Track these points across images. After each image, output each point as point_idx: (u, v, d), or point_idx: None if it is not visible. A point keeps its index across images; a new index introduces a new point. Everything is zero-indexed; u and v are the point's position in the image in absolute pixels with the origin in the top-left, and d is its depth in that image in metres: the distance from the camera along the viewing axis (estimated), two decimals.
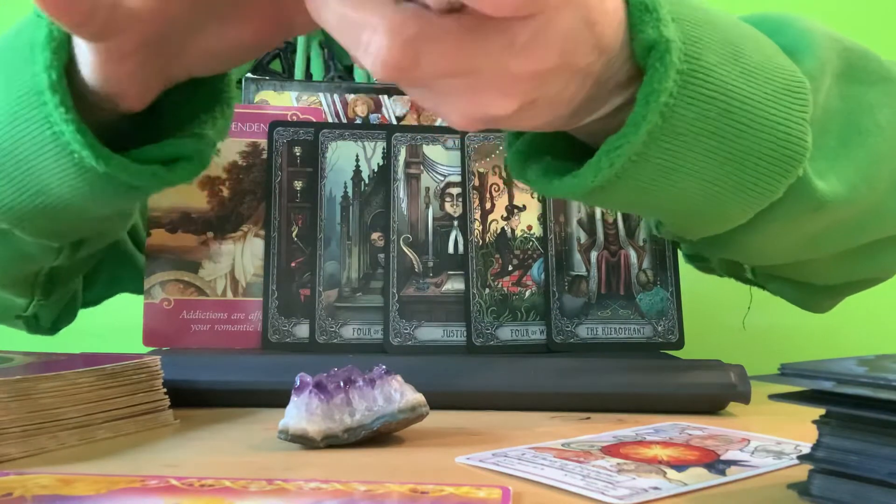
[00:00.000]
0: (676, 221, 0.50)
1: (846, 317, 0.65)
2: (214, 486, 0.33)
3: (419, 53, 0.33)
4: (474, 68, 0.34)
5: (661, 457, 0.39)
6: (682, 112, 0.39)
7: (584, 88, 0.39)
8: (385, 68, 0.33)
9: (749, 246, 0.49)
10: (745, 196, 0.44)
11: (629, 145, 0.39)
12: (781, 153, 0.43)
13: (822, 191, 0.45)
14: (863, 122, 0.48)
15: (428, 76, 0.34)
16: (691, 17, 0.40)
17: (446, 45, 0.33)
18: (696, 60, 0.39)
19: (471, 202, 0.61)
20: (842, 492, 0.29)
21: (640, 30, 0.38)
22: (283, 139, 0.62)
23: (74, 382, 0.42)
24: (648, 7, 0.38)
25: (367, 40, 0.33)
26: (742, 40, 0.42)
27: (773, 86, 0.42)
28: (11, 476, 0.34)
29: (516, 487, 0.34)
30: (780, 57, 0.44)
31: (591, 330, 0.60)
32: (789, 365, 0.30)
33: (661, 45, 0.38)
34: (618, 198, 0.44)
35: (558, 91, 0.37)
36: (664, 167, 0.41)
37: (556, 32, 0.34)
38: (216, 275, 0.61)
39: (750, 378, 0.52)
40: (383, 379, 0.42)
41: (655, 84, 0.38)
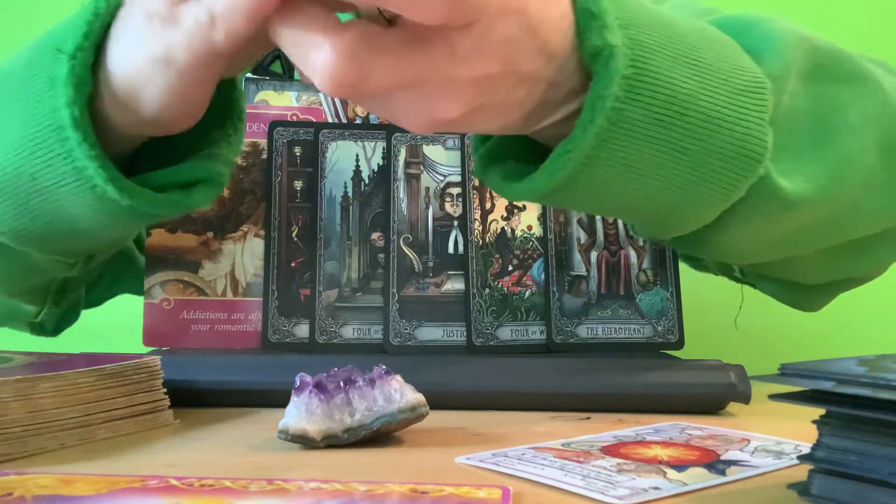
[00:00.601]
0: (640, 221, 0.51)
1: (846, 317, 0.65)
2: (214, 486, 0.33)
3: (366, 68, 0.34)
4: (420, 78, 0.35)
5: (661, 457, 0.39)
6: (629, 115, 0.40)
7: (534, 93, 0.40)
8: (333, 85, 0.34)
9: (721, 245, 0.50)
10: (705, 196, 0.45)
11: (578, 149, 0.40)
12: (739, 153, 0.43)
13: (787, 190, 0.46)
14: (833, 121, 0.48)
15: (376, 89, 0.35)
16: (641, 21, 0.41)
17: (391, 58, 0.34)
18: (643, 65, 0.40)
19: (471, 202, 0.61)
20: (842, 492, 0.29)
21: (586, 36, 0.39)
22: (283, 139, 0.62)
23: (74, 382, 0.42)
24: (594, 14, 0.39)
25: (315, 58, 0.34)
26: (698, 42, 0.43)
27: (729, 86, 0.43)
28: (11, 476, 0.34)
29: (516, 487, 0.34)
30: (740, 58, 0.45)
31: (591, 330, 0.60)
32: (789, 365, 0.30)
33: (605, 51, 0.39)
34: (574, 199, 0.46)
35: (506, 96, 0.39)
36: (617, 169, 0.42)
37: (496, 39, 0.36)
38: (216, 275, 0.61)
39: (750, 378, 0.52)
40: (383, 379, 0.42)
41: (601, 90, 0.39)
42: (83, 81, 0.41)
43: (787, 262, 0.54)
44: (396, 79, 0.35)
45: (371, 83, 0.34)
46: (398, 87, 0.36)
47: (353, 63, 0.34)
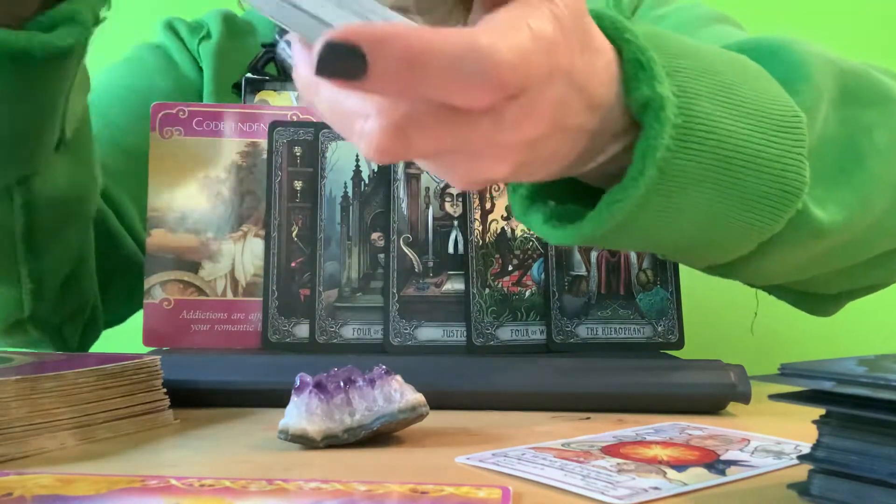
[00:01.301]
0: (678, 256, 0.51)
1: (846, 317, 0.65)
2: (214, 486, 0.33)
3: (410, 138, 0.33)
4: (465, 145, 0.35)
5: (661, 457, 0.39)
6: (679, 163, 0.40)
7: (579, 144, 0.39)
8: (380, 154, 0.34)
9: (753, 272, 0.50)
10: (745, 232, 0.45)
11: (629, 199, 0.40)
12: (780, 189, 0.43)
13: (821, 219, 0.46)
14: (860, 145, 0.48)
15: (420, 156, 0.35)
16: (686, 66, 0.41)
17: (435, 128, 0.34)
18: (690, 112, 0.40)
19: (471, 202, 0.61)
20: (842, 492, 0.29)
21: (634, 87, 0.39)
22: (283, 139, 0.62)
23: (74, 382, 0.42)
24: (643, 64, 0.39)
25: (361, 128, 0.34)
26: (736, 80, 0.43)
27: (768, 124, 0.43)
28: (11, 476, 0.34)
29: (516, 487, 0.34)
30: (776, 91, 0.44)
31: (591, 330, 0.60)
32: (789, 365, 0.30)
33: (655, 102, 0.39)
34: (619, 242, 0.46)
35: (552, 151, 0.38)
36: (664, 214, 0.42)
37: (544, 104, 0.35)
38: (216, 275, 0.61)
39: (750, 378, 0.52)
40: (383, 379, 0.42)
41: (652, 140, 0.39)
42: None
43: (809, 278, 0.54)
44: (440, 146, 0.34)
45: (415, 152, 0.34)
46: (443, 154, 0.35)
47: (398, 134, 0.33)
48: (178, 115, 0.63)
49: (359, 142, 0.34)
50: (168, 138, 0.63)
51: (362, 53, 0.30)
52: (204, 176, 0.62)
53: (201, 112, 0.63)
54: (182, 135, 0.63)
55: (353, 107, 0.34)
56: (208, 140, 0.63)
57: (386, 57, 0.30)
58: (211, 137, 0.63)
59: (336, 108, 0.35)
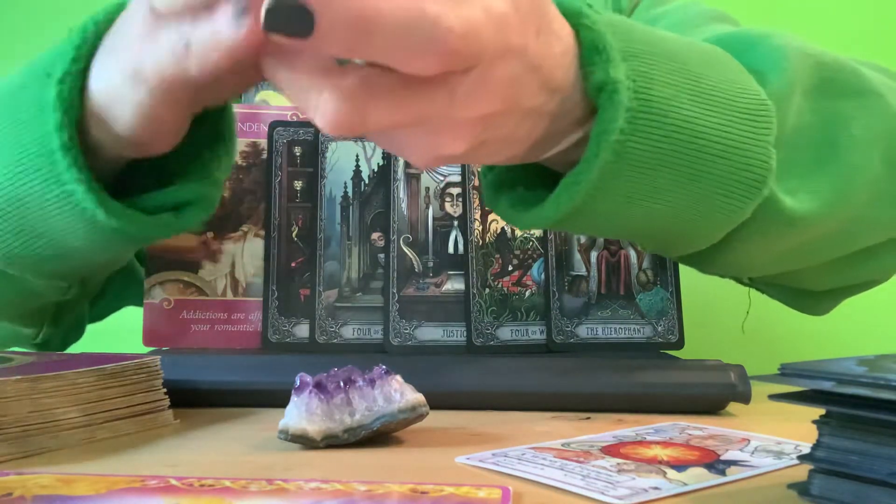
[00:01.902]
0: (647, 243, 0.52)
1: (846, 317, 0.65)
2: (214, 486, 0.33)
3: (365, 110, 0.34)
4: (420, 118, 0.35)
5: (661, 457, 0.39)
6: (634, 147, 0.40)
7: (539, 126, 0.40)
8: (335, 127, 0.34)
9: (727, 261, 0.50)
10: (711, 219, 0.45)
11: (585, 181, 0.41)
12: (744, 176, 0.44)
13: (792, 208, 0.46)
14: (837, 137, 0.48)
15: (376, 130, 0.35)
16: (643, 51, 0.41)
17: (390, 100, 0.34)
18: (646, 96, 0.40)
19: (471, 202, 0.61)
20: (842, 492, 0.29)
21: (590, 70, 0.39)
22: (283, 139, 0.62)
23: (74, 382, 0.42)
24: (598, 48, 0.39)
25: (315, 101, 0.34)
26: (701, 68, 0.43)
27: (733, 112, 0.43)
28: (11, 476, 0.34)
29: (516, 487, 0.34)
30: (744, 80, 0.45)
31: (591, 330, 0.60)
32: (789, 365, 0.30)
33: (609, 85, 0.39)
34: (582, 226, 0.47)
35: (510, 131, 0.39)
36: (624, 197, 0.42)
37: (495, 80, 0.36)
38: (216, 275, 0.61)
39: (750, 378, 0.52)
40: (383, 379, 0.42)
41: (606, 123, 0.40)
42: (71, 105, 0.41)
43: (796, 272, 0.54)
44: (397, 120, 0.35)
45: (371, 125, 0.34)
46: (398, 127, 0.36)
47: (352, 106, 0.34)
48: None
49: (314, 115, 0.34)
50: None
51: (309, 11, 0.30)
52: None
53: None
54: None
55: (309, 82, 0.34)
56: None
57: (333, 16, 0.30)
58: None
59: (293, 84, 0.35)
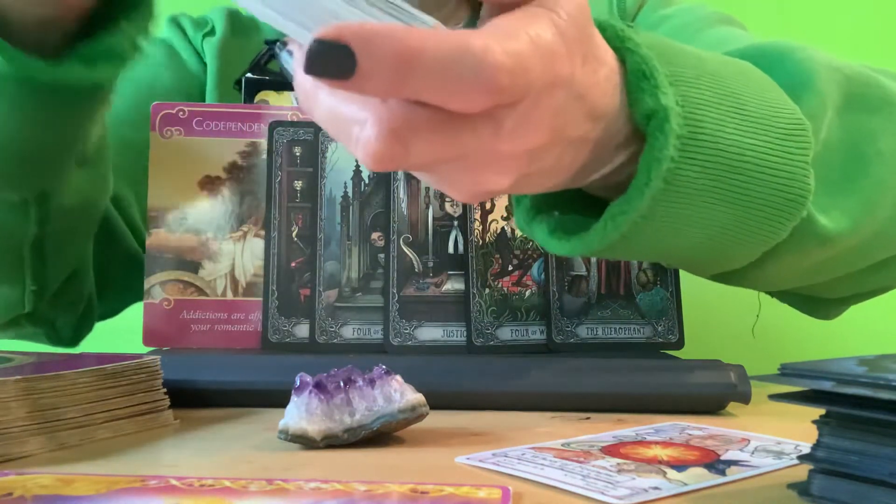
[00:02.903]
0: (683, 265, 0.51)
1: (846, 317, 0.65)
2: (214, 486, 0.33)
3: (408, 145, 0.33)
4: (464, 154, 0.34)
5: (661, 457, 0.39)
6: (683, 174, 0.39)
7: (582, 154, 0.39)
8: (376, 161, 0.33)
9: (758, 279, 0.50)
10: (751, 241, 0.44)
11: (633, 210, 0.40)
12: (785, 197, 0.43)
13: (826, 226, 0.46)
14: (865, 151, 0.48)
15: (419, 165, 0.35)
16: (690, 76, 0.40)
17: (433, 135, 0.33)
18: (695, 122, 0.39)
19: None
20: (842, 492, 0.29)
21: (638, 97, 0.38)
22: (283, 139, 0.62)
23: (74, 382, 0.42)
24: (646, 74, 0.38)
25: (357, 135, 0.33)
26: (741, 88, 0.42)
27: (774, 132, 0.42)
28: (11, 476, 0.34)
29: (516, 487, 0.34)
30: (780, 98, 0.44)
31: (591, 330, 0.60)
32: (789, 365, 0.30)
33: (659, 113, 0.38)
34: (625, 253, 0.46)
35: (554, 162, 0.38)
36: (669, 224, 0.42)
37: (543, 113, 0.35)
38: (216, 275, 0.61)
39: (750, 378, 0.52)
40: (383, 379, 0.42)
41: (656, 152, 0.38)
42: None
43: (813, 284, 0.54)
44: (438, 155, 0.34)
45: (414, 159, 0.33)
46: (442, 162, 0.35)
47: (396, 141, 0.32)
48: (178, 115, 0.63)
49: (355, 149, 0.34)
50: (168, 138, 0.63)
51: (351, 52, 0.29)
52: (204, 176, 0.62)
53: (201, 112, 0.63)
54: (182, 135, 0.63)
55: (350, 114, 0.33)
56: (208, 140, 0.63)
57: (375, 55, 0.29)
58: (211, 137, 0.63)
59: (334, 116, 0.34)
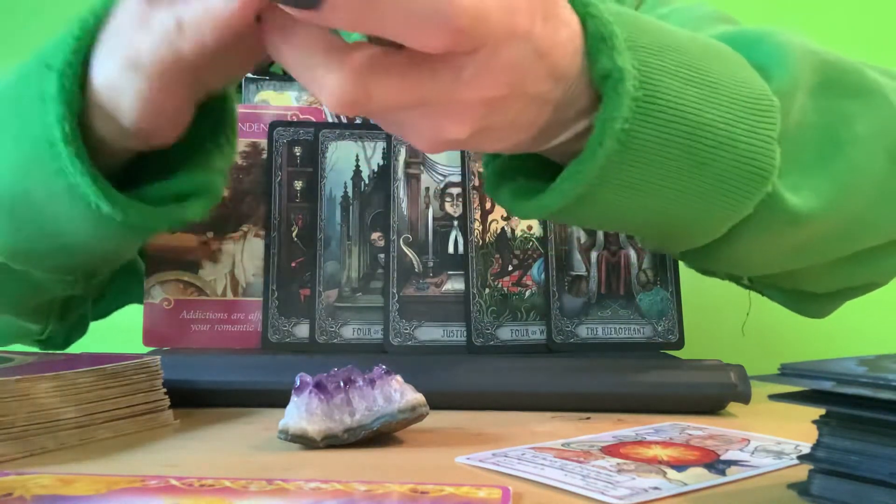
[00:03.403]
0: (648, 237, 0.52)
1: (846, 317, 0.65)
2: (214, 486, 0.33)
3: (370, 88, 0.34)
4: (425, 99, 0.36)
5: (661, 457, 0.39)
6: (639, 137, 0.40)
7: (543, 114, 0.40)
8: (339, 104, 0.35)
9: (729, 258, 0.50)
10: (713, 213, 0.45)
11: (589, 170, 0.40)
12: (747, 171, 0.44)
13: (795, 205, 0.46)
14: (841, 135, 0.48)
15: (381, 109, 0.36)
16: (650, 42, 0.41)
17: (395, 79, 0.35)
18: (652, 86, 0.40)
19: (471, 202, 0.61)
20: (842, 492, 0.29)
21: (595, 59, 0.39)
22: (283, 139, 0.62)
23: (74, 382, 0.42)
24: (604, 36, 0.39)
25: (321, 78, 0.34)
26: (707, 61, 0.43)
27: (737, 105, 0.43)
28: (11, 476, 0.34)
29: (516, 487, 0.34)
30: (749, 75, 0.45)
31: (591, 330, 0.60)
32: (789, 365, 0.30)
33: (615, 73, 0.39)
34: (583, 217, 0.46)
35: (514, 117, 0.39)
36: (626, 188, 0.42)
37: (501, 64, 0.36)
38: (216, 275, 0.61)
39: (750, 378, 0.52)
40: (383, 379, 0.42)
41: (611, 111, 0.39)
42: (73, 97, 0.41)
43: (796, 273, 0.54)
44: (401, 99, 0.35)
45: (376, 103, 0.35)
46: (404, 107, 0.36)
47: (358, 84, 0.34)
48: None
49: (320, 92, 0.35)
50: None
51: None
52: None
53: None
54: None
55: (315, 60, 0.34)
56: None
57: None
58: None
59: (299, 61, 0.35)
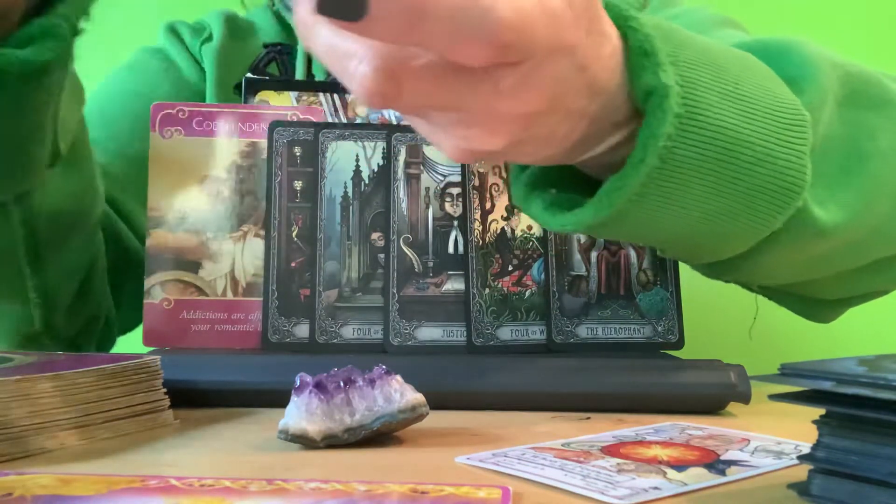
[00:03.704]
0: (677, 251, 0.51)
1: (846, 317, 0.65)
2: (214, 486, 0.33)
3: (401, 85, 0.33)
4: (460, 105, 0.35)
5: (661, 457, 0.39)
6: (680, 154, 0.40)
7: (578, 128, 0.39)
8: (369, 96, 0.34)
9: (751, 270, 0.50)
10: (745, 228, 0.45)
11: (629, 186, 0.40)
12: (781, 186, 0.43)
13: (822, 219, 0.46)
14: (864, 147, 0.48)
15: (412, 107, 0.35)
16: (691, 58, 0.41)
17: (428, 80, 0.34)
18: (694, 103, 0.40)
19: (471, 202, 0.61)
20: (842, 492, 0.29)
21: (638, 75, 0.39)
22: (283, 139, 0.62)
23: (74, 382, 0.42)
24: (647, 52, 0.39)
25: (354, 69, 0.33)
26: (742, 76, 0.43)
27: (772, 121, 0.43)
28: (11, 476, 0.34)
29: (516, 487, 0.34)
30: (781, 89, 0.44)
31: (591, 330, 0.60)
32: (789, 365, 0.30)
33: (659, 90, 0.39)
34: (618, 231, 0.45)
35: (550, 131, 0.38)
36: (664, 204, 0.42)
37: (543, 77, 0.35)
38: (216, 275, 0.61)
39: (750, 378, 0.52)
40: (383, 379, 0.42)
41: (654, 129, 0.39)
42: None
43: (809, 282, 0.54)
44: (434, 101, 0.34)
45: (405, 100, 0.34)
46: (436, 109, 0.35)
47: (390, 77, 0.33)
48: (178, 115, 0.63)
49: (350, 83, 0.34)
50: (168, 138, 0.63)
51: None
52: (204, 176, 0.62)
53: (201, 112, 0.63)
54: (182, 135, 0.63)
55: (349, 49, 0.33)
56: (208, 140, 0.63)
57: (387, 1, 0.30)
58: (211, 137, 0.63)
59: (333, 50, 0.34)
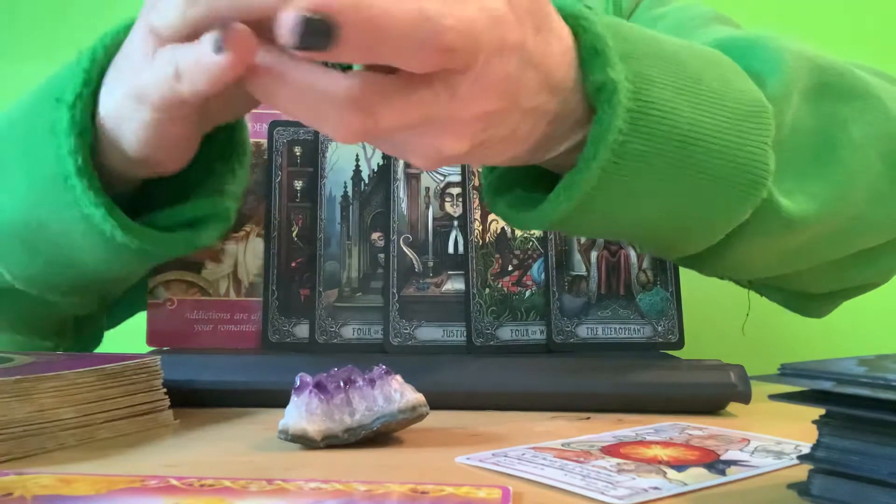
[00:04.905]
0: (646, 245, 0.52)
1: (846, 317, 0.65)
2: (214, 486, 0.33)
3: (376, 114, 0.35)
4: (426, 118, 0.36)
5: (661, 457, 0.39)
6: (633, 148, 0.41)
7: (539, 127, 0.40)
8: (351, 134, 0.35)
9: (727, 263, 0.50)
10: (709, 220, 0.45)
11: (584, 181, 0.41)
12: (742, 178, 0.44)
13: (790, 210, 0.46)
14: (836, 138, 0.48)
15: (388, 132, 0.36)
16: (642, 53, 0.41)
17: (399, 101, 0.35)
18: (646, 98, 0.40)
19: (471, 202, 0.61)
20: (842, 492, 0.29)
21: (589, 71, 0.40)
22: (283, 139, 0.62)
23: (74, 382, 0.42)
24: (597, 49, 0.40)
25: (327, 114, 0.35)
26: (700, 70, 0.43)
27: (730, 113, 0.43)
28: (11, 476, 0.34)
29: (516, 487, 0.34)
30: (742, 82, 0.45)
31: (591, 330, 0.60)
32: (789, 365, 0.30)
33: (608, 86, 0.39)
34: (581, 227, 0.47)
35: (511, 130, 0.39)
36: (622, 198, 0.42)
37: (494, 77, 0.36)
38: (219, 275, 0.61)
39: (750, 378, 0.52)
40: (383, 379, 0.42)
41: (604, 124, 0.40)
42: (84, 129, 0.42)
43: (795, 274, 0.54)
44: (406, 120, 0.35)
45: (381, 129, 0.35)
46: (409, 128, 0.36)
47: (366, 112, 0.34)
48: None
49: (326, 127, 0.35)
50: None
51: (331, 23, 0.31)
52: None
53: None
54: None
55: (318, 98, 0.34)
56: None
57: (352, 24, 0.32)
58: None
59: (298, 99, 0.35)
